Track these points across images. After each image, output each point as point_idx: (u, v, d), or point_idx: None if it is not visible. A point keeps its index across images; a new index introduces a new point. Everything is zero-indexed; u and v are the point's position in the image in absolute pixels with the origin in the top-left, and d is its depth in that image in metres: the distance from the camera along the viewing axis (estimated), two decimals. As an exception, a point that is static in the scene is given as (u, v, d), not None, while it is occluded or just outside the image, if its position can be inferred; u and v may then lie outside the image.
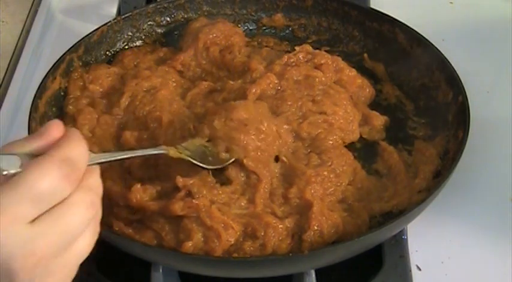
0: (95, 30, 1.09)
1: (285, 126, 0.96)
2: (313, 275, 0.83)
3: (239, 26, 1.17)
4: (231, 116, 0.91)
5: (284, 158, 0.93)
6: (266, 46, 1.15)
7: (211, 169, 0.89)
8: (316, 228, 0.84)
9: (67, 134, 0.61)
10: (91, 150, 0.63)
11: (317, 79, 1.02)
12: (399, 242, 0.90)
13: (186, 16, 1.17)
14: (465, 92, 0.96)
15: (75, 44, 1.06)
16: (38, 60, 1.22)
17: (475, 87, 1.00)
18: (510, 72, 1.18)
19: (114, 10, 1.31)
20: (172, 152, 0.87)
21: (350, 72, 1.05)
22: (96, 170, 0.64)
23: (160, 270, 0.84)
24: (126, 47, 1.14)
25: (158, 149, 0.87)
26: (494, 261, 0.92)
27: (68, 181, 0.58)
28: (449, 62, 1.01)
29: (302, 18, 1.18)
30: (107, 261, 0.89)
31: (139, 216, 0.86)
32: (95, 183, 0.62)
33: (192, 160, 0.88)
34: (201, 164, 0.88)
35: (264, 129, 0.91)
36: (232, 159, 0.89)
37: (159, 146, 0.89)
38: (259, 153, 0.90)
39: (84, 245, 0.61)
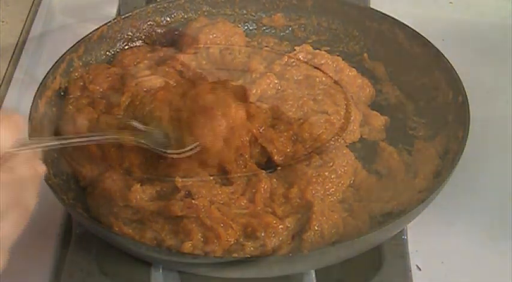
0: (95, 30, 1.08)
1: (285, 133, 0.95)
2: (313, 275, 0.83)
3: (239, 26, 1.17)
4: (197, 97, 0.88)
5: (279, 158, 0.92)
6: (266, 46, 1.15)
7: (172, 155, 0.86)
8: (316, 228, 0.84)
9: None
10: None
11: (317, 79, 1.02)
12: (399, 242, 0.90)
13: (186, 16, 1.17)
14: (465, 92, 0.96)
15: (75, 44, 1.05)
16: (38, 61, 1.22)
17: (475, 87, 1.00)
18: (510, 72, 1.18)
19: (114, 10, 1.31)
20: (124, 137, 0.85)
21: (350, 72, 1.06)
22: (24, 155, 0.62)
23: (160, 270, 0.84)
24: (126, 47, 1.14)
25: (110, 135, 0.84)
26: (494, 261, 0.92)
27: None
28: (449, 62, 1.01)
29: (302, 18, 1.18)
30: (107, 261, 0.89)
31: (139, 216, 0.86)
32: (20, 166, 0.61)
33: (148, 146, 0.85)
34: (160, 150, 0.85)
35: (231, 113, 0.87)
36: (195, 144, 0.86)
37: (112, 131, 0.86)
38: (225, 139, 0.87)
39: (6, 229, 0.59)
